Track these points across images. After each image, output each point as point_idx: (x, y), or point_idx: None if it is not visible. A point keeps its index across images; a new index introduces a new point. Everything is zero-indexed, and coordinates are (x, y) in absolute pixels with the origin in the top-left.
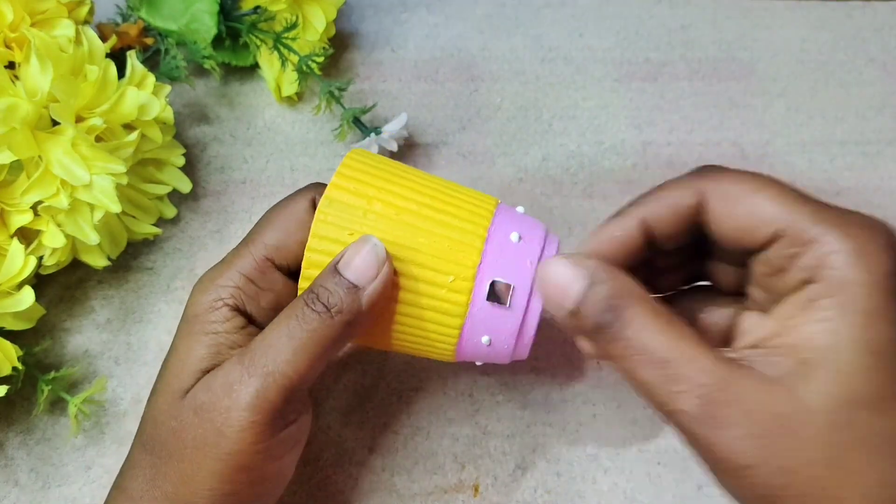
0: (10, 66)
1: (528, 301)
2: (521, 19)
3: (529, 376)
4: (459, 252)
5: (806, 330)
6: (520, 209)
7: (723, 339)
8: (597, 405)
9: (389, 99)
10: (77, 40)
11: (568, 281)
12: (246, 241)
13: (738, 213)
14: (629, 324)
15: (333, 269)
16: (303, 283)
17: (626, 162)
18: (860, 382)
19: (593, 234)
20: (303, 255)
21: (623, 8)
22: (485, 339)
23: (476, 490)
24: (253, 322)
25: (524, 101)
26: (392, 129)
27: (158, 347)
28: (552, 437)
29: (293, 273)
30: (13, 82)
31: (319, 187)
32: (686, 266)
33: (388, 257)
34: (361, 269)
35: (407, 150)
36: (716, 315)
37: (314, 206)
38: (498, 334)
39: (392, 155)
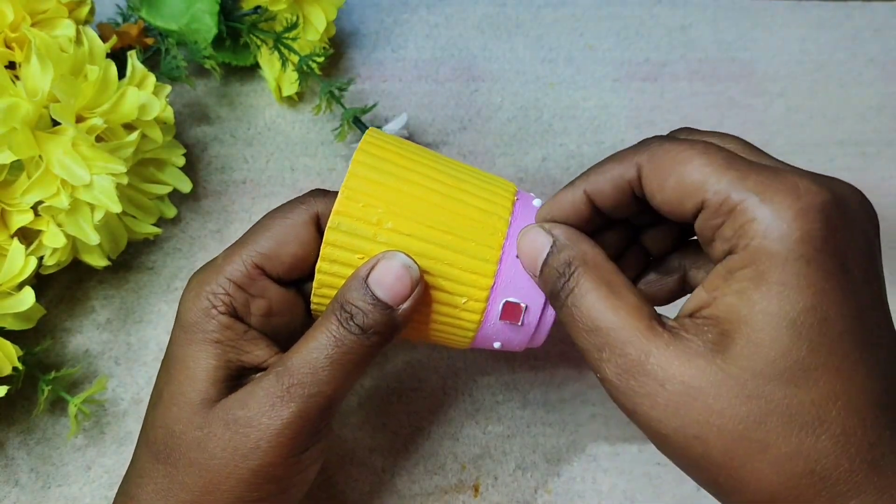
0: (11, 65)
1: (542, 313)
2: (522, 19)
3: (529, 376)
4: (472, 275)
5: (725, 301)
6: (536, 202)
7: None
8: (596, 405)
9: (390, 99)
10: (77, 40)
11: (539, 246)
12: (238, 245)
13: (668, 184)
14: (574, 289)
15: (363, 282)
16: (317, 302)
17: None
18: (775, 355)
19: (546, 203)
20: (296, 267)
21: (623, 8)
22: (497, 344)
23: (476, 490)
24: (249, 326)
25: (524, 101)
26: (392, 129)
27: (158, 347)
28: (552, 437)
29: (284, 282)
30: (14, 82)
31: (321, 197)
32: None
33: (421, 275)
34: (397, 289)
35: None
36: (700, 276)
37: (315, 221)
38: (510, 343)
39: None
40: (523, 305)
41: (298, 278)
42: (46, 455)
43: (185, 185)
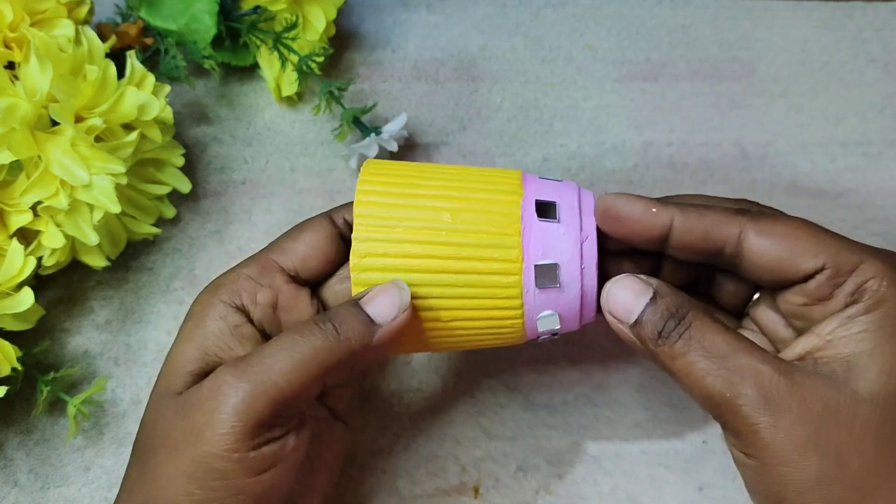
0: (10, 66)
1: (581, 272)
2: (522, 19)
3: (531, 378)
4: (499, 249)
5: (848, 342)
6: (537, 181)
7: None
8: (598, 407)
9: (389, 99)
10: (77, 40)
11: (634, 295)
12: (257, 253)
13: (778, 249)
14: (692, 327)
15: (354, 302)
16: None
17: (627, 162)
18: None
19: (626, 198)
20: (310, 263)
21: (624, 8)
22: (547, 314)
23: (477, 492)
24: (250, 321)
25: (524, 102)
26: (392, 130)
27: (158, 348)
28: (554, 438)
29: (294, 279)
30: (13, 82)
31: (341, 215)
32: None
33: (412, 306)
34: (383, 307)
35: (407, 151)
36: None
37: (338, 232)
38: (562, 309)
39: (392, 155)
40: (556, 264)
41: (312, 279)
42: (45, 456)
43: (185, 186)
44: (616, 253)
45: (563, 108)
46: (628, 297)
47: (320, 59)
